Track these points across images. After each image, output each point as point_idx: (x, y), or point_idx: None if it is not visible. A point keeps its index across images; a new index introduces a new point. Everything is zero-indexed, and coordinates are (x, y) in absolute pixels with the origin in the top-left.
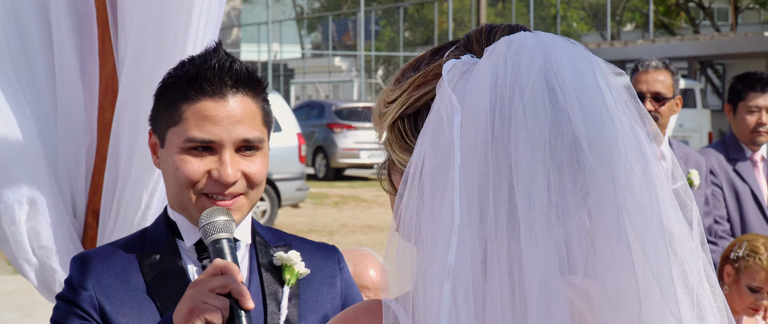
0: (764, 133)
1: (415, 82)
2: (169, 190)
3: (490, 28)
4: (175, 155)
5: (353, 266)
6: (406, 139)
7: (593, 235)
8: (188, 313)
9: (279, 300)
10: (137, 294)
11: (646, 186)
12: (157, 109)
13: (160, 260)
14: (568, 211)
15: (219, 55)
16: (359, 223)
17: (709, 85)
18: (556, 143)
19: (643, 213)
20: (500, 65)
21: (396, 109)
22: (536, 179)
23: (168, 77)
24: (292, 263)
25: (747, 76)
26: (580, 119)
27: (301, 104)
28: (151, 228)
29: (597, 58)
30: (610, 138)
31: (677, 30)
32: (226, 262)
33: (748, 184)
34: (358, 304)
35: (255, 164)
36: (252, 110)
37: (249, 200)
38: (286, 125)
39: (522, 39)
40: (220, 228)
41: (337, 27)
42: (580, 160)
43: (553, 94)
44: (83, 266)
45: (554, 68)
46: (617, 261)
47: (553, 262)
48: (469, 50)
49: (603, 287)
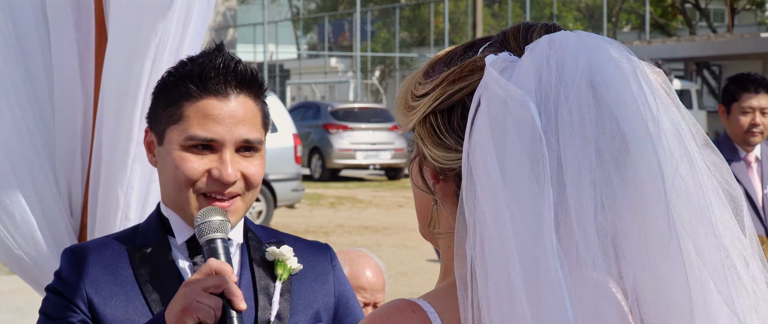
0: (758, 134)
1: (449, 76)
2: (165, 188)
3: (527, 26)
4: (175, 153)
5: (349, 267)
6: (439, 135)
7: (641, 231)
8: (181, 312)
9: (270, 295)
10: (126, 287)
11: (692, 180)
12: (157, 106)
13: (151, 254)
14: (613, 208)
15: (224, 55)
16: (355, 224)
17: (706, 86)
18: (601, 142)
19: (692, 208)
20: (543, 65)
21: (428, 103)
22: (583, 177)
23: (168, 75)
24: (284, 258)
25: (740, 77)
26: (626, 117)
27: (297, 105)
28: (143, 224)
29: (635, 57)
30: (655, 135)
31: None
32: (220, 263)
33: (742, 185)
34: (387, 303)
35: (253, 165)
36: (253, 111)
37: (245, 202)
38: (282, 126)
39: (564, 38)
40: (216, 228)
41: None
42: (625, 158)
43: (597, 93)
44: (73, 259)
45: (598, 68)
46: (667, 256)
47: (601, 259)
48: (505, 47)
49: (652, 285)
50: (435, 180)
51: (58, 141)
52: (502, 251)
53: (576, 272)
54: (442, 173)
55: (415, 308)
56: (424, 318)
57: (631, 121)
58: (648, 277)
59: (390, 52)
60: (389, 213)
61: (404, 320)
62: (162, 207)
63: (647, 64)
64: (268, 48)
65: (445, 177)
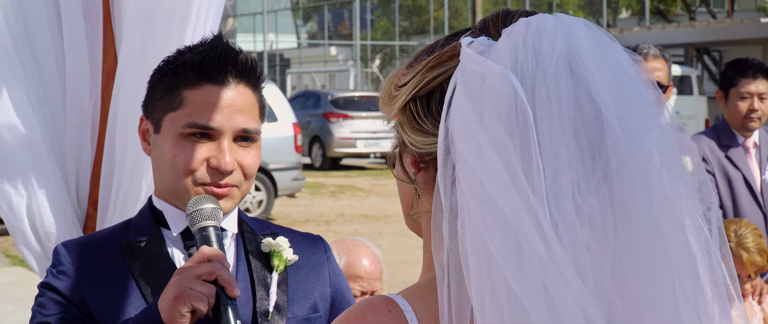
0: (756, 119)
1: (428, 64)
2: (161, 177)
3: (506, 12)
4: (173, 141)
5: (346, 256)
6: (418, 120)
7: (617, 213)
8: (174, 299)
9: (268, 286)
10: (122, 281)
11: (665, 170)
12: (153, 94)
13: (145, 248)
14: (589, 189)
15: (224, 44)
16: (356, 213)
17: (706, 71)
18: (578, 122)
19: (661, 197)
20: (520, 46)
21: (408, 90)
22: (560, 158)
23: (166, 64)
24: (280, 249)
25: (738, 63)
26: (608, 97)
27: (297, 94)
28: (135, 218)
29: (616, 42)
30: (634, 117)
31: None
32: (213, 250)
33: (740, 171)
34: (363, 300)
35: (250, 155)
36: (251, 101)
37: (240, 192)
38: (282, 115)
39: (541, 20)
40: (207, 215)
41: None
42: (603, 140)
43: (575, 75)
44: (67, 254)
45: (577, 49)
46: (647, 241)
47: (578, 238)
48: (484, 33)
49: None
50: (416, 168)
51: (68, 131)
52: (483, 226)
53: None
54: (422, 160)
55: (391, 307)
56: (400, 318)
57: (615, 101)
58: (624, 262)
59: (390, 41)
60: (390, 201)
61: (379, 320)
62: (154, 199)
63: (628, 51)
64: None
65: (426, 165)
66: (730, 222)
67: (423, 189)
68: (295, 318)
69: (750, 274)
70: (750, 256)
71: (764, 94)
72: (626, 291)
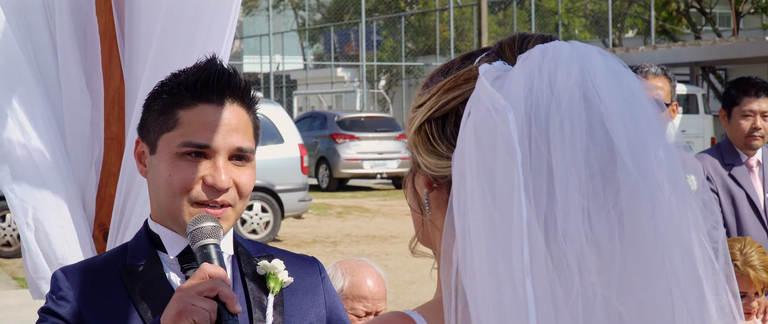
0: (759, 138)
1: (444, 86)
2: (157, 198)
3: (523, 36)
4: (168, 161)
5: (350, 276)
6: (432, 142)
7: (625, 243)
8: (176, 315)
9: (264, 307)
10: (121, 305)
11: (675, 199)
12: (149, 115)
13: (143, 271)
14: (599, 218)
15: (218, 65)
16: (363, 233)
17: (712, 90)
18: (591, 151)
19: (670, 226)
20: (535, 73)
21: (424, 112)
22: (572, 185)
23: (162, 86)
24: (275, 271)
25: (741, 81)
26: (621, 129)
27: (304, 115)
28: (131, 242)
29: (629, 70)
30: (645, 148)
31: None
32: (214, 267)
33: (743, 189)
34: (378, 317)
35: (245, 174)
36: (246, 121)
37: (235, 212)
38: (288, 136)
39: (557, 48)
40: (208, 234)
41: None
42: (614, 169)
43: (589, 104)
44: (65, 280)
45: (591, 78)
46: (651, 269)
47: (587, 266)
48: (500, 57)
49: (636, 299)
50: (428, 188)
51: (71, 158)
52: (478, 263)
53: (566, 277)
54: (436, 181)
55: (407, 322)
56: None
57: (626, 131)
58: (631, 290)
59: (396, 61)
60: (397, 222)
61: None
62: (150, 223)
63: (642, 79)
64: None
65: (439, 185)
66: (735, 240)
67: (436, 208)
68: None
69: (758, 291)
70: (757, 274)
71: (767, 112)
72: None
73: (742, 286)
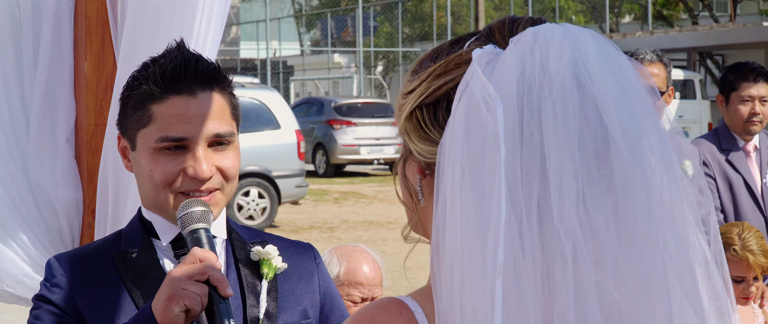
0: (758, 123)
1: (435, 71)
2: (144, 191)
3: (513, 19)
4: (148, 156)
5: (346, 262)
6: (424, 129)
7: (621, 226)
8: (167, 300)
9: (258, 293)
10: (114, 292)
11: (667, 182)
12: (125, 112)
13: (136, 258)
14: (594, 202)
15: (184, 54)
16: (360, 219)
17: (709, 76)
18: (584, 135)
19: (663, 209)
20: (527, 56)
21: (414, 99)
22: (566, 170)
23: (133, 80)
24: (269, 257)
25: (739, 66)
26: (613, 111)
27: (301, 101)
28: (126, 229)
29: (621, 52)
30: (638, 131)
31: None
32: (204, 251)
33: (740, 174)
34: (373, 302)
35: (228, 158)
36: (221, 105)
37: (225, 195)
38: (285, 122)
39: (548, 30)
40: (198, 218)
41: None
42: (608, 152)
43: (582, 87)
44: (59, 267)
45: (583, 61)
46: (646, 252)
47: (582, 251)
48: (491, 41)
49: (631, 282)
50: (421, 175)
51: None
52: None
53: (559, 265)
54: (429, 168)
55: (402, 308)
56: (410, 318)
57: (619, 114)
58: (627, 275)
59: (393, 47)
60: (394, 207)
61: (390, 320)
62: (143, 211)
63: (634, 62)
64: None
65: (432, 171)
66: (733, 225)
67: (428, 195)
68: None
69: (756, 276)
70: (756, 259)
71: (765, 97)
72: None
73: (740, 270)
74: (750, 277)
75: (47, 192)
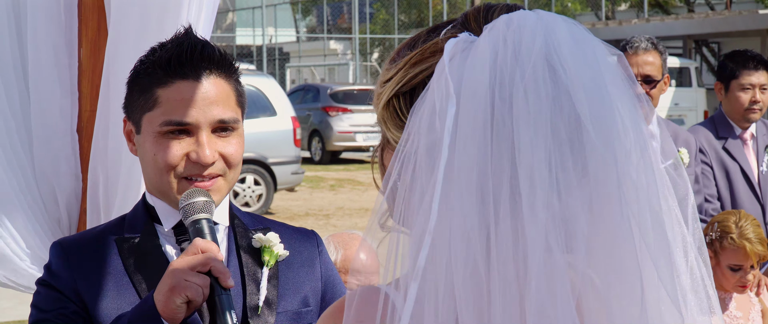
0: (758, 111)
1: (411, 59)
2: (147, 175)
3: (488, 6)
4: (153, 140)
5: (343, 249)
6: (400, 117)
7: (594, 213)
8: (169, 291)
9: (258, 281)
10: (116, 277)
11: (643, 166)
12: (131, 95)
13: (139, 243)
14: (568, 189)
15: (191, 39)
16: (355, 206)
17: (705, 63)
18: (557, 122)
19: (638, 194)
20: (500, 44)
21: (392, 87)
22: (538, 157)
23: (140, 64)
24: (271, 244)
25: (739, 54)
26: (583, 97)
27: (296, 88)
28: (130, 213)
29: (595, 38)
30: (610, 117)
31: (672, 9)
32: (206, 242)
33: (737, 162)
34: (353, 290)
35: (231, 145)
36: (226, 91)
37: (227, 182)
38: (281, 109)
39: (522, 17)
40: (200, 208)
41: (332, 10)
42: (581, 139)
43: (554, 73)
44: (62, 251)
45: (555, 47)
46: (618, 238)
47: (554, 239)
48: (466, 28)
49: (604, 267)
50: None
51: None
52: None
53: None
54: None
55: (380, 296)
56: (390, 307)
57: (590, 101)
58: (600, 261)
59: (389, 34)
60: None
61: (369, 309)
62: (147, 195)
63: (607, 47)
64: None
65: None
66: (730, 213)
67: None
68: (286, 312)
69: (753, 264)
70: (753, 247)
71: (765, 85)
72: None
73: (737, 259)
74: (747, 265)
75: (50, 180)
